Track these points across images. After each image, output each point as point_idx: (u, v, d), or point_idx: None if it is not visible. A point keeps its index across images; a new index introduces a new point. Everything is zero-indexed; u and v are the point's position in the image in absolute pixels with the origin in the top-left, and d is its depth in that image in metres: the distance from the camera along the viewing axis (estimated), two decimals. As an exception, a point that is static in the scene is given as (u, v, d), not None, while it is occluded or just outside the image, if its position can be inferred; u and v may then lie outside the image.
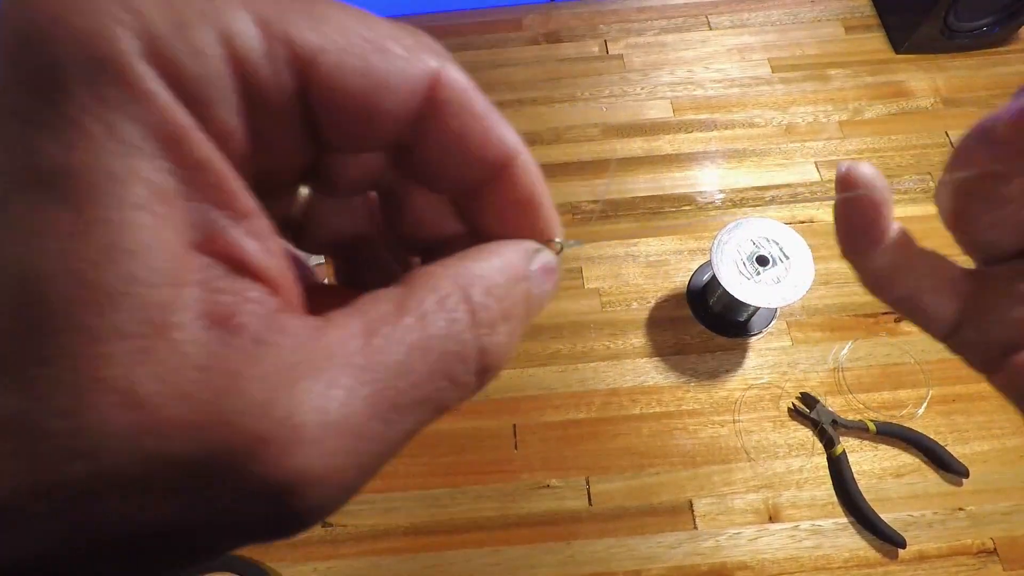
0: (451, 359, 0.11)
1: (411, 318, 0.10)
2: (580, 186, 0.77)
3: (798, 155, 0.78)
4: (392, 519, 0.61)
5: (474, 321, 0.11)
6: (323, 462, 0.09)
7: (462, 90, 0.12)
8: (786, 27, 0.87)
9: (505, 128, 0.13)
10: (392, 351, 0.10)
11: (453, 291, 0.11)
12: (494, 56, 0.87)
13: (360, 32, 0.10)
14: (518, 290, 0.12)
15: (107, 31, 0.08)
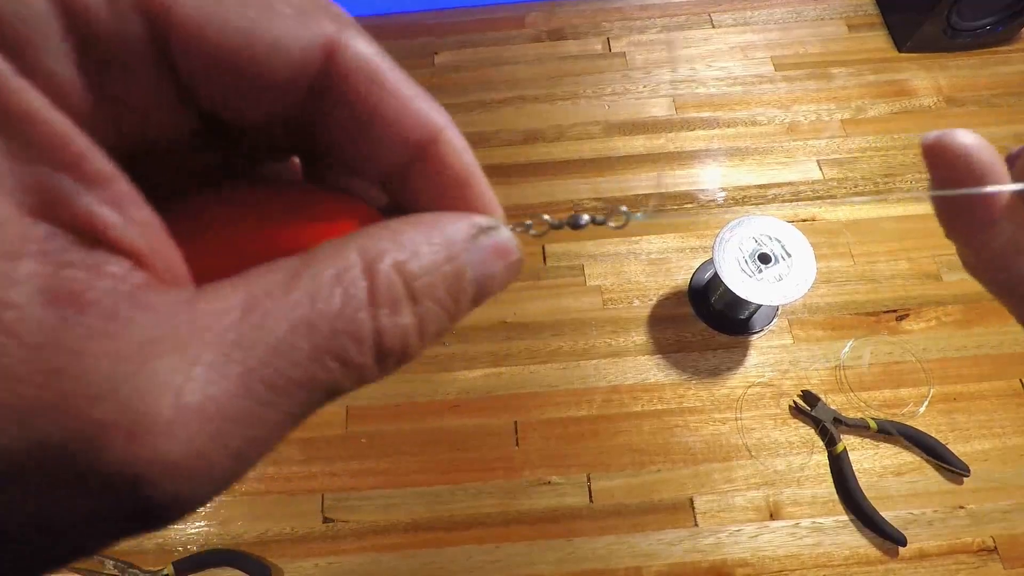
0: (343, 339, 0.09)
1: (299, 292, 0.09)
2: (582, 183, 0.77)
3: (800, 153, 0.78)
4: (393, 515, 0.61)
5: (373, 299, 0.10)
6: (180, 448, 0.08)
7: (367, 59, 0.10)
8: (789, 25, 0.87)
9: (424, 101, 0.11)
10: (272, 327, 0.09)
11: (356, 263, 0.10)
12: (497, 53, 0.87)
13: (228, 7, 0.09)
14: (446, 268, 0.11)
15: None
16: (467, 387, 0.66)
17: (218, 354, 0.08)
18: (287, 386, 0.09)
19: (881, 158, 0.77)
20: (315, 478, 0.63)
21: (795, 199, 0.75)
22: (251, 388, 0.09)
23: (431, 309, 0.10)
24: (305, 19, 0.10)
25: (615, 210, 0.15)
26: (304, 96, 0.10)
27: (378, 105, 0.11)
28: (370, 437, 0.64)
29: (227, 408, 0.08)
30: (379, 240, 0.10)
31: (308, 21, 0.10)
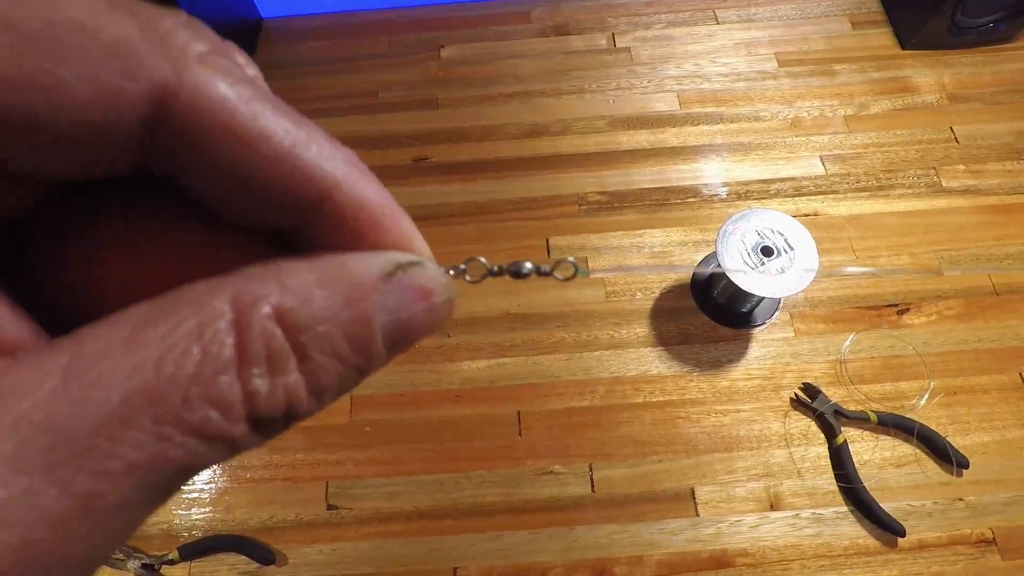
0: (200, 408, 0.07)
1: (144, 352, 0.07)
2: (587, 177, 0.77)
3: (803, 149, 0.78)
4: (397, 503, 0.62)
5: (243, 357, 0.08)
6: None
7: (219, 105, 0.08)
8: (793, 22, 0.88)
9: (313, 146, 0.09)
10: (99, 400, 0.07)
11: (224, 312, 0.08)
12: (502, 48, 0.87)
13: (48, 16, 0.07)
14: (346, 315, 0.09)
15: None
16: (471, 377, 0.67)
17: (14, 443, 0.07)
18: (118, 476, 0.07)
19: (884, 154, 0.77)
20: (319, 465, 0.63)
21: (798, 194, 0.75)
22: (64, 486, 0.07)
23: (327, 364, 0.09)
24: (121, 60, 0.07)
25: (562, 261, 0.13)
26: (133, 149, 0.08)
27: (241, 163, 0.08)
28: (374, 426, 0.65)
29: (24, 519, 0.06)
30: (260, 282, 0.08)
31: (126, 62, 0.07)
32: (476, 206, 0.76)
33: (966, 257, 0.70)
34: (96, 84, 0.07)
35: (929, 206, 0.74)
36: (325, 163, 0.09)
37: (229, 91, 0.08)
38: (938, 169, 0.76)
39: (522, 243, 0.74)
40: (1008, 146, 0.77)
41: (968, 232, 0.72)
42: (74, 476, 0.07)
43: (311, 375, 0.08)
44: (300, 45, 0.90)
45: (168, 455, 0.07)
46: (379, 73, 0.86)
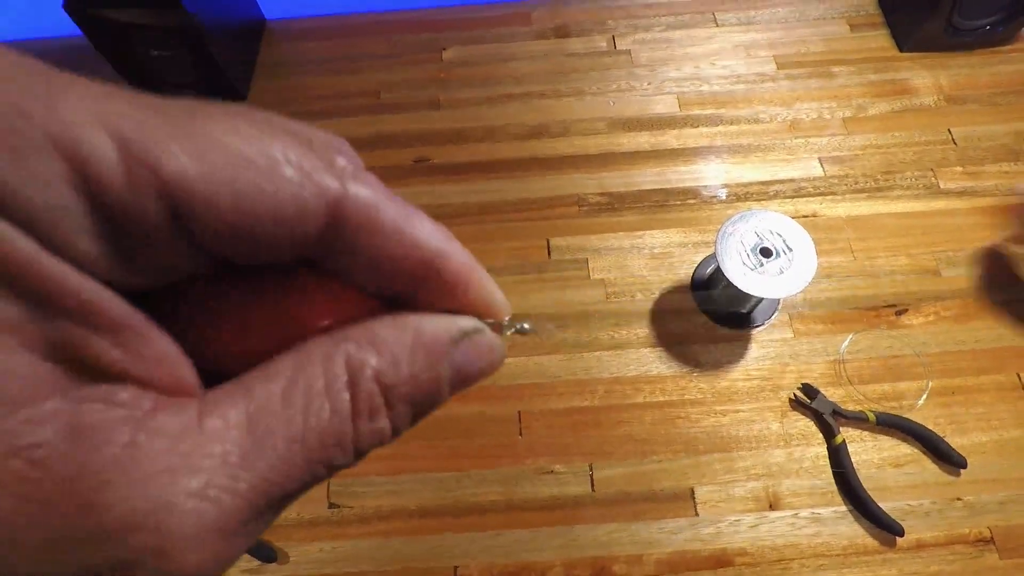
0: (331, 449, 0.11)
1: (293, 409, 0.10)
2: (587, 178, 0.78)
3: (802, 151, 0.79)
4: (398, 501, 0.62)
5: (356, 411, 0.11)
6: (198, 559, 0.09)
7: (368, 208, 0.11)
8: (792, 25, 0.88)
9: (423, 229, 0.11)
10: (272, 444, 0.10)
11: (341, 375, 0.11)
12: (503, 50, 0.88)
13: (245, 153, 0.10)
14: (424, 377, 0.11)
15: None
16: (471, 377, 0.67)
17: (227, 476, 0.10)
18: (283, 496, 0.10)
19: (882, 156, 0.78)
20: (321, 464, 0.64)
21: (797, 196, 0.76)
22: (254, 503, 0.10)
23: (407, 411, 0.11)
24: (309, 179, 0.10)
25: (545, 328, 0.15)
26: (312, 244, 0.11)
27: (380, 247, 0.11)
28: (376, 425, 0.65)
29: (235, 521, 0.10)
30: (362, 349, 0.11)
31: (311, 181, 0.10)
32: (477, 207, 0.77)
33: (963, 258, 0.71)
34: (299, 202, 0.10)
35: (927, 207, 0.74)
36: (429, 240, 0.11)
37: (370, 193, 0.11)
38: (936, 171, 0.77)
39: (523, 244, 0.74)
40: (1005, 147, 0.78)
41: (965, 233, 0.72)
42: (259, 500, 0.10)
43: (395, 419, 0.11)
44: (303, 46, 0.91)
45: (307, 482, 0.11)
46: (381, 74, 0.87)
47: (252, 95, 0.85)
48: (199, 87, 0.81)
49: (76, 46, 0.83)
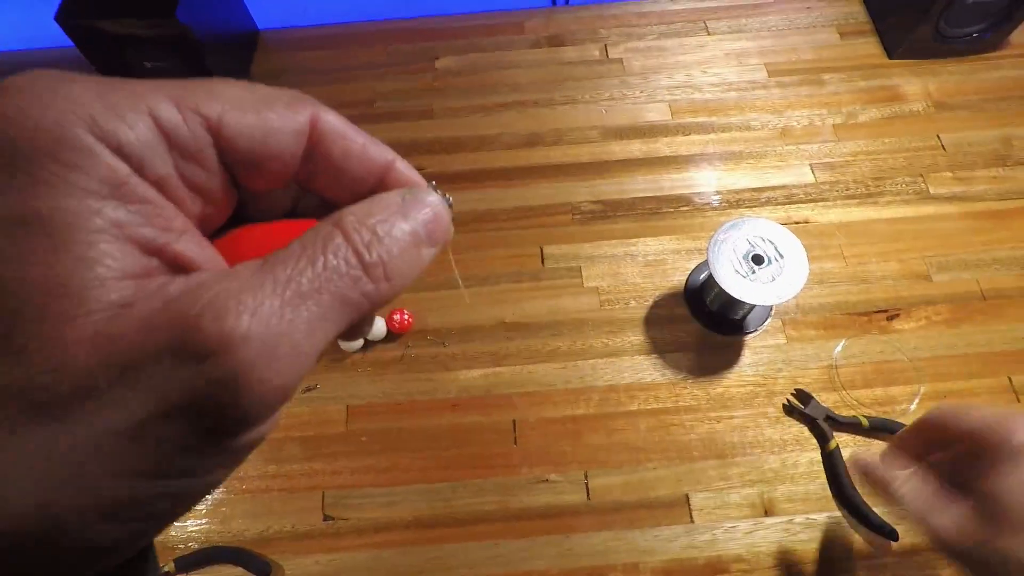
0: (341, 270, 0.14)
1: (305, 259, 0.14)
2: (581, 186, 0.78)
3: (793, 157, 0.79)
4: (394, 512, 0.62)
5: (356, 249, 0.14)
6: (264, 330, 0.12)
7: (335, 124, 0.16)
8: (782, 32, 0.89)
9: (378, 144, 0.17)
10: (298, 279, 0.13)
11: (332, 231, 0.14)
12: (497, 59, 0.88)
13: (250, 98, 0.15)
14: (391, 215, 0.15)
15: (61, 118, 0.12)
16: (467, 386, 0.67)
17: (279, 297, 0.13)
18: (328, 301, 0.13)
19: (872, 162, 0.78)
20: (316, 476, 0.64)
21: (788, 202, 0.76)
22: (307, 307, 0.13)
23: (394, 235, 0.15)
24: (293, 109, 0.15)
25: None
26: (304, 157, 0.16)
27: (348, 150, 0.16)
28: (371, 435, 0.65)
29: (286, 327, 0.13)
30: (345, 214, 0.15)
31: (295, 110, 0.15)
32: (471, 215, 0.77)
33: (954, 263, 0.71)
34: (290, 120, 0.15)
35: (917, 213, 0.75)
36: (386, 151, 0.17)
37: (336, 117, 0.16)
38: (926, 176, 0.77)
39: (516, 251, 0.74)
40: (994, 153, 0.78)
41: (956, 238, 0.73)
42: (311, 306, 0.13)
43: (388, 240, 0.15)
44: (296, 55, 0.91)
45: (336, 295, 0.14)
46: (375, 83, 0.87)
47: (245, 105, 0.85)
48: (192, 98, 0.81)
49: (68, 57, 0.83)
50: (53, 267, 0.12)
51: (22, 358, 0.12)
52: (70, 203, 0.12)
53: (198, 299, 0.12)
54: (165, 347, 0.12)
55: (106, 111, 0.13)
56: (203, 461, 0.13)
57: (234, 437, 0.13)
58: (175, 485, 0.13)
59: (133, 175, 0.13)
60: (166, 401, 0.12)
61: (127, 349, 0.12)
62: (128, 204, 0.13)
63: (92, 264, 0.12)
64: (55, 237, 0.12)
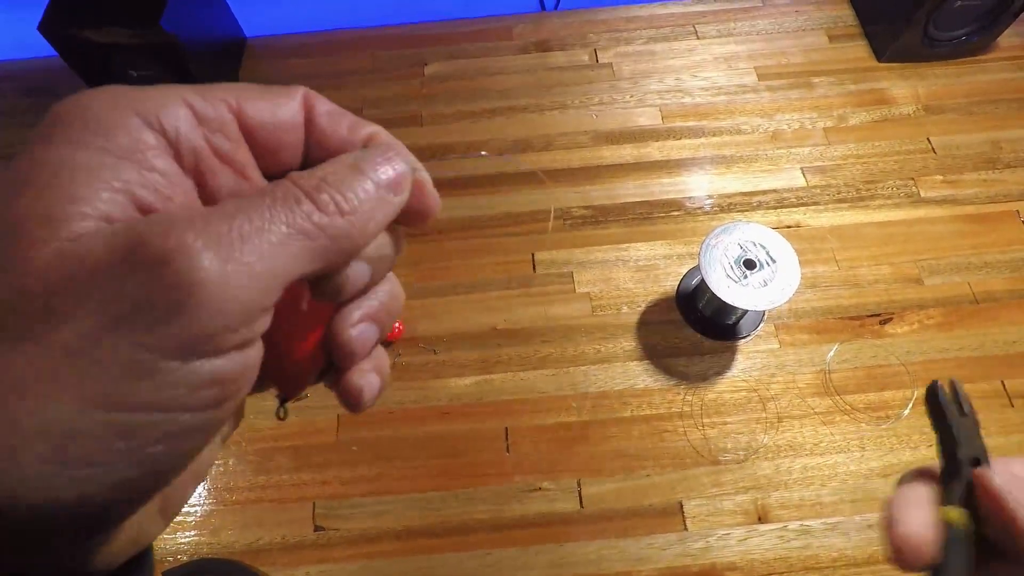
0: (290, 204, 0.14)
1: (256, 199, 0.14)
2: (571, 192, 0.78)
3: (784, 161, 0.79)
4: (384, 522, 0.61)
5: (298, 185, 0.15)
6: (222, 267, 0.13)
7: (325, 103, 0.18)
8: (772, 36, 0.89)
9: (364, 121, 0.18)
10: (247, 210, 0.14)
11: (281, 181, 0.15)
12: (486, 64, 0.88)
13: (257, 88, 0.17)
14: (340, 165, 0.16)
15: (111, 102, 0.14)
16: (458, 394, 0.67)
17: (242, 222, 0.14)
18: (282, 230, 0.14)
19: (863, 165, 0.78)
20: (306, 486, 0.63)
21: (780, 206, 0.76)
22: (258, 234, 0.13)
23: (338, 180, 0.15)
24: (290, 95, 0.17)
25: None
26: (303, 135, 0.17)
27: (337, 127, 0.17)
28: (361, 444, 0.65)
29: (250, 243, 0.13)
30: (291, 173, 0.15)
31: (292, 96, 0.17)
32: (461, 222, 0.76)
33: (945, 266, 0.71)
34: (293, 109, 0.17)
35: (908, 216, 0.75)
36: (368, 125, 0.18)
37: (327, 102, 0.18)
38: (916, 179, 0.77)
39: (507, 258, 0.74)
40: (983, 156, 0.78)
41: (946, 241, 0.73)
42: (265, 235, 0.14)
43: (333, 190, 0.15)
44: (284, 63, 0.90)
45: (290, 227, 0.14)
46: (363, 90, 0.87)
47: (234, 112, 0.85)
48: (179, 105, 0.81)
49: (52, 67, 0.82)
50: (41, 199, 0.13)
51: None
52: (80, 155, 0.13)
53: (153, 222, 0.13)
54: (117, 261, 0.12)
55: (150, 100, 0.15)
56: (157, 390, 0.13)
57: (193, 354, 0.13)
58: (124, 419, 0.12)
59: (154, 149, 0.14)
60: (116, 310, 0.12)
61: (82, 265, 0.12)
62: (142, 169, 0.14)
63: (81, 202, 0.13)
64: (53, 176, 0.13)
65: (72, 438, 0.12)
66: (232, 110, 0.16)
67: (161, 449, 0.13)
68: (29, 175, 0.13)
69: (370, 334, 0.19)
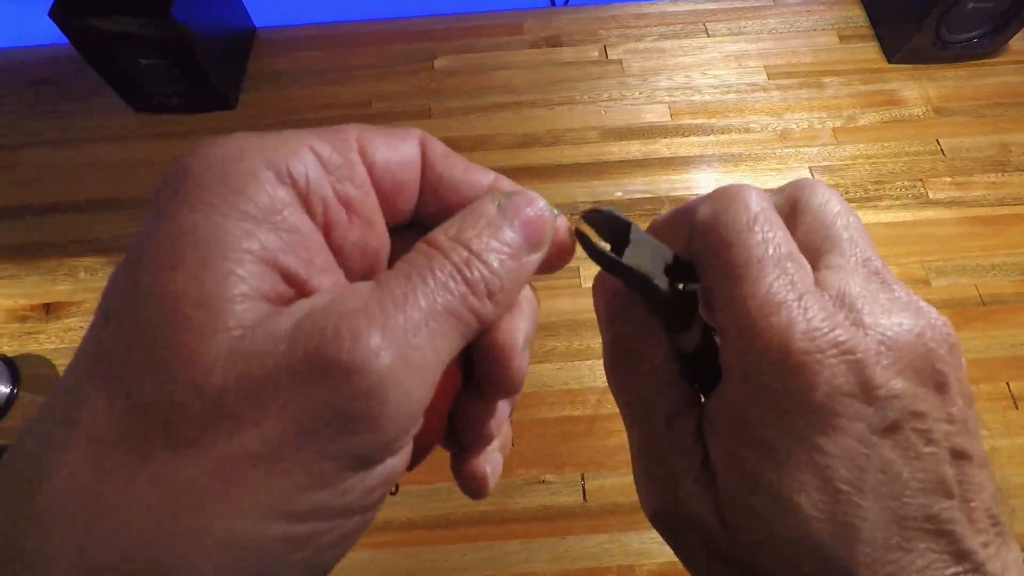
0: (450, 287, 0.14)
1: (416, 276, 0.14)
2: (578, 187, 0.78)
3: (793, 160, 0.79)
4: (388, 514, 0.61)
5: (450, 260, 0.14)
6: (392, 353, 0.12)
7: (439, 146, 0.17)
8: (782, 35, 0.89)
9: (479, 167, 0.17)
10: (414, 295, 0.13)
11: (429, 250, 0.14)
12: (495, 59, 0.88)
13: (373, 128, 0.16)
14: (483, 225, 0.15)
15: (240, 152, 0.13)
16: (463, 387, 0.67)
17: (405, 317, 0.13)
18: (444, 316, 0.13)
19: (871, 165, 0.78)
20: (311, 476, 0.63)
21: (787, 205, 0.76)
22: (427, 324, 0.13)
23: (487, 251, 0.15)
24: (408, 136, 0.17)
25: None
26: (419, 177, 0.17)
27: (452, 173, 0.17)
28: (366, 436, 0.65)
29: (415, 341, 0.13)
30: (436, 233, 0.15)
31: (410, 137, 0.17)
32: (469, 216, 0.76)
33: (952, 268, 0.71)
34: (406, 142, 0.17)
35: (916, 217, 0.75)
36: (488, 172, 0.17)
37: (440, 144, 0.17)
38: (925, 181, 0.77)
39: (514, 253, 0.74)
40: (992, 158, 0.78)
41: (954, 243, 0.73)
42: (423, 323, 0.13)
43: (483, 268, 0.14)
44: (293, 55, 0.90)
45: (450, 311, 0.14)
46: (372, 83, 0.87)
47: (241, 105, 0.85)
48: (187, 97, 0.81)
49: (62, 55, 0.83)
50: (199, 279, 0.12)
51: (159, 371, 0.11)
52: (226, 222, 0.12)
53: (328, 317, 0.12)
54: (299, 365, 0.12)
55: (278, 150, 0.14)
56: (336, 497, 0.12)
57: (371, 462, 0.12)
58: (302, 531, 0.12)
59: (290, 206, 0.14)
60: (302, 420, 0.11)
61: (261, 366, 0.12)
62: (280, 231, 0.13)
63: (236, 282, 0.12)
64: (205, 251, 0.12)
65: (251, 551, 0.11)
66: (358, 151, 0.15)
67: (330, 554, 0.13)
68: (177, 246, 0.12)
69: (504, 412, 0.18)
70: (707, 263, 0.17)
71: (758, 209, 0.17)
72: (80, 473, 0.11)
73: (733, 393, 0.16)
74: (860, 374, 0.14)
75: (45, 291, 0.72)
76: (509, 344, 0.16)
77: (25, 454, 0.12)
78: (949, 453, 0.15)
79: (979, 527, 0.15)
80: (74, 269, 0.74)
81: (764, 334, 0.15)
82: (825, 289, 0.16)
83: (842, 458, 0.14)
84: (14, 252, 0.75)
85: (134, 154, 0.82)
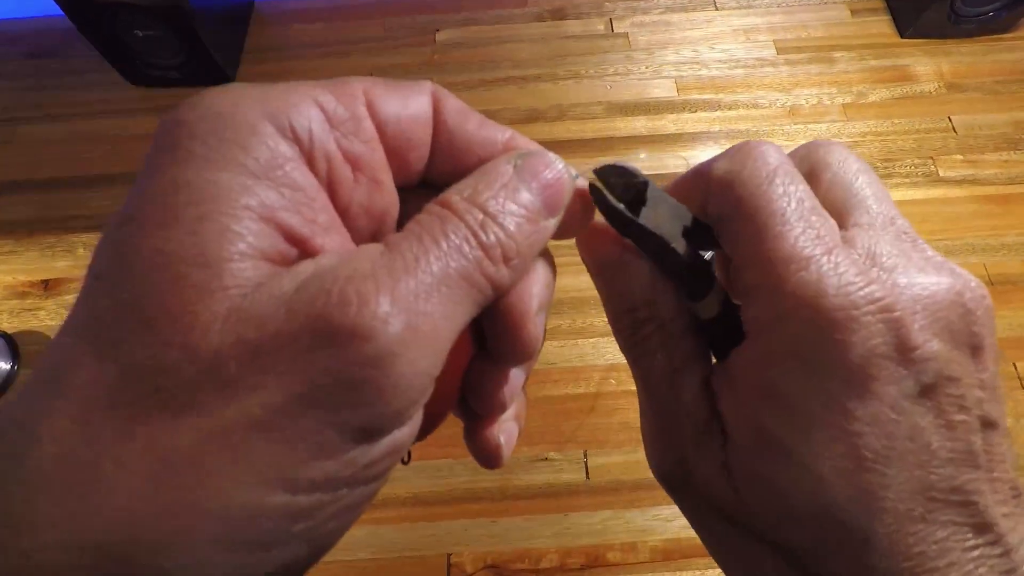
0: (464, 250, 0.13)
1: (428, 239, 0.13)
2: (584, 163, 0.77)
3: (801, 137, 0.78)
4: (392, 489, 0.61)
5: (464, 222, 0.13)
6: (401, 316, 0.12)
7: (453, 100, 0.16)
8: (792, 9, 0.87)
9: (493, 123, 0.16)
10: (426, 258, 0.12)
11: (443, 212, 0.13)
12: (499, 32, 0.86)
13: (383, 81, 0.15)
14: (500, 186, 0.15)
15: (238, 103, 0.13)
16: (466, 364, 0.67)
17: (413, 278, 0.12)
18: (457, 282, 0.13)
19: (882, 143, 0.77)
20: (313, 452, 0.63)
21: (795, 183, 0.75)
22: (438, 289, 0.12)
23: (504, 214, 0.14)
24: (420, 90, 0.15)
25: None
26: (431, 133, 0.15)
27: (466, 128, 0.16)
28: (368, 412, 0.65)
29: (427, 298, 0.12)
30: (451, 193, 0.14)
31: (421, 91, 0.15)
32: (472, 192, 0.76)
33: (962, 247, 0.70)
34: (418, 93, 0.15)
35: (926, 195, 0.74)
36: (501, 129, 0.16)
37: (455, 99, 0.16)
38: (935, 159, 0.76)
39: (518, 230, 0.73)
40: (1005, 136, 0.77)
41: (964, 222, 0.72)
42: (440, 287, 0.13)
43: (500, 231, 0.14)
44: (292, 28, 0.89)
45: (460, 272, 0.13)
46: (373, 57, 0.85)
47: (240, 78, 0.84)
48: (185, 70, 0.79)
49: (57, 27, 0.81)
50: (195, 236, 0.11)
51: (150, 333, 0.11)
52: (223, 176, 0.12)
53: (334, 280, 0.11)
54: (302, 330, 0.11)
55: (279, 101, 0.13)
56: (340, 467, 0.12)
57: (377, 432, 0.12)
58: (303, 502, 0.11)
59: (292, 161, 0.13)
60: (304, 387, 0.11)
61: (260, 329, 0.11)
62: (281, 187, 0.12)
63: (235, 238, 0.11)
64: (200, 207, 0.11)
65: (250, 521, 0.11)
66: (366, 105, 0.14)
67: (334, 525, 0.12)
68: (170, 202, 0.11)
69: (519, 380, 0.17)
70: (727, 222, 0.16)
71: (777, 163, 0.16)
72: (69, 440, 0.10)
73: (757, 354, 0.15)
74: (898, 334, 0.13)
75: (44, 267, 0.72)
76: (522, 309, 0.15)
77: (12, 421, 0.11)
78: (979, 421, 0.14)
79: (1001, 498, 0.14)
80: (73, 245, 0.73)
81: (794, 290, 0.14)
82: (853, 248, 0.15)
83: (872, 424, 0.14)
84: (12, 228, 0.74)
85: (132, 129, 0.81)
